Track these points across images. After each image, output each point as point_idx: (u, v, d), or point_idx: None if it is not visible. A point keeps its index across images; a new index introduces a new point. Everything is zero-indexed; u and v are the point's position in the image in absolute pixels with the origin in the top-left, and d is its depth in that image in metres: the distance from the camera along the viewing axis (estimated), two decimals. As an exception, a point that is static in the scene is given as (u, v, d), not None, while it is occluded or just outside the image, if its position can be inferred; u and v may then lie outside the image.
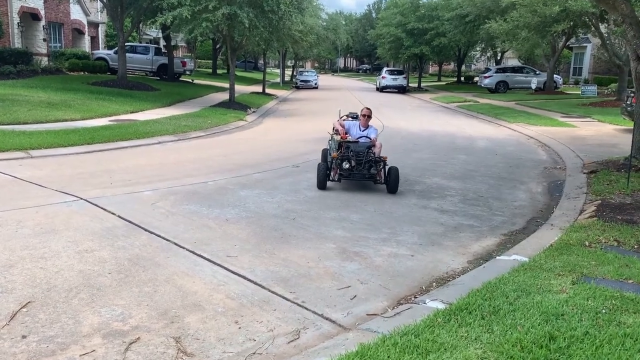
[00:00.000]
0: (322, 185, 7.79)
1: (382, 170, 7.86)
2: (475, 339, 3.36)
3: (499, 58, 40.77)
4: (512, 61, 42.16)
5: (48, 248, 5.00)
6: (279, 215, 6.54)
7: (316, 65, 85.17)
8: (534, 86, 31.08)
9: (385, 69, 43.09)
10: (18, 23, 24.11)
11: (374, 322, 3.79)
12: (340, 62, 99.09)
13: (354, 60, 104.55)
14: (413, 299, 4.29)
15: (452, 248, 5.66)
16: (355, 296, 4.33)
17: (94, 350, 3.34)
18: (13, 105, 13.80)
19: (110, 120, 13.74)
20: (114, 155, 10.05)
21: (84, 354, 3.30)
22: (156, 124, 13.53)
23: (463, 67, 50.28)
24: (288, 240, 5.63)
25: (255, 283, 4.48)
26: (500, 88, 32.58)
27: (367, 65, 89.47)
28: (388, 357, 3.11)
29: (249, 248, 5.33)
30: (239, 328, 3.72)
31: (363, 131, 8.31)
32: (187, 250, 5.15)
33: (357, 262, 5.08)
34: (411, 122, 18.67)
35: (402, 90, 38.33)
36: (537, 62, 36.95)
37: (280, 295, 4.27)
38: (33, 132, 10.92)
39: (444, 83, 46.86)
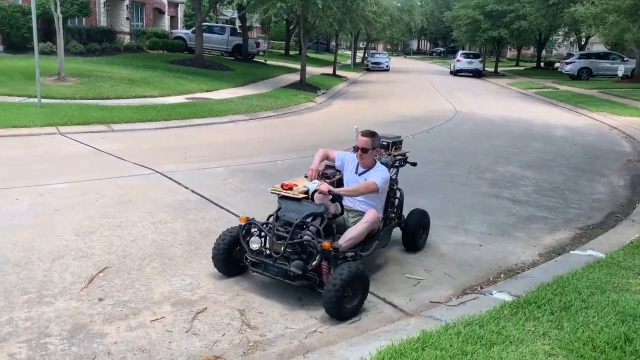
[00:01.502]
0: (221, 269, 4.12)
1: (329, 268, 3.75)
2: (544, 334, 3.23)
3: (582, 43, 38.53)
4: (597, 47, 39.72)
5: (125, 218, 5.26)
6: (345, 197, 6.53)
7: (388, 47, 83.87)
8: (620, 73, 29.17)
9: (460, 52, 41.85)
10: (104, 2, 25.25)
11: (437, 310, 3.73)
12: (414, 45, 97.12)
13: (428, 43, 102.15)
14: (479, 289, 4.19)
15: (523, 239, 5.46)
16: (418, 282, 4.28)
17: (163, 317, 3.50)
18: (97, 81, 14.53)
19: (186, 98, 14.19)
20: (188, 132, 10.40)
21: (154, 320, 3.46)
22: (229, 103, 13.85)
23: (543, 52, 47.93)
24: (353, 223, 5.62)
25: (320, 263, 4.51)
26: (583, 75, 30.81)
27: (441, 48, 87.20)
28: (450, 345, 3.06)
29: (314, 228, 5.37)
30: (302, 305, 3.78)
31: (361, 175, 4.44)
32: (255, 226, 5.25)
33: (422, 249, 5.01)
34: (485, 108, 18.06)
35: (477, 74, 37.12)
36: (625, 48, 34.59)
37: (343, 277, 4.28)
38: (114, 107, 11.47)
39: (522, 68, 44.93)
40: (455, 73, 37.96)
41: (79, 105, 11.22)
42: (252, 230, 3.97)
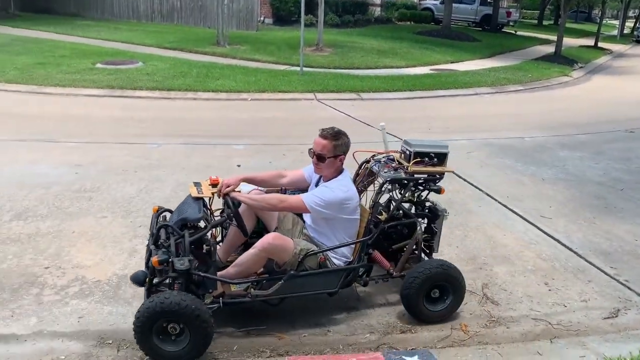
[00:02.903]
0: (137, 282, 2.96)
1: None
2: None
3: None
4: None
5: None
6: (604, 183, 5.91)
7: (667, 15, 71.29)
8: None
9: None
10: (359, -26, 26.43)
11: None
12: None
13: None
14: None
15: None
16: (696, 288, 3.69)
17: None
18: (349, 52, 15.44)
19: (431, 69, 14.22)
20: (432, 103, 10.46)
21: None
22: (474, 75, 13.46)
23: None
24: (612, 212, 5.08)
25: (570, 249, 4.21)
26: None
27: None
28: None
29: (565, 212, 5.00)
30: (549, 290, 3.59)
31: (318, 186, 3.35)
32: (499, 202, 5.12)
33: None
34: None
35: None
36: None
37: (598, 268, 3.94)
38: (364, 77, 12.08)
39: None
40: None
41: (333, 74, 12.10)
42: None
